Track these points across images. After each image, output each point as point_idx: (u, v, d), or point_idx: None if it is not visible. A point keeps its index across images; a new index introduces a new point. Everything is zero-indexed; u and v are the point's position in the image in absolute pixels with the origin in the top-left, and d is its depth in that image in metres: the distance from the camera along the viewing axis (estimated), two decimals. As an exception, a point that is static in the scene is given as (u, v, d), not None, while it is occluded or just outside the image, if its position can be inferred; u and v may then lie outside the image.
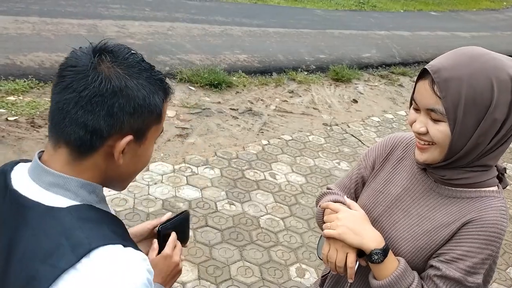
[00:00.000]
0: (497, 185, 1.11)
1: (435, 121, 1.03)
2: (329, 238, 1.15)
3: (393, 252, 1.13)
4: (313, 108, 5.23)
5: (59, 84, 0.78)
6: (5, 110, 3.84)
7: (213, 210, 3.18)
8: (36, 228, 0.74)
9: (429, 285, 1.07)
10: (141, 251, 0.79)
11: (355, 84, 6.22)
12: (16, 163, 0.87)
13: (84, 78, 0.76)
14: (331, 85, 6.01)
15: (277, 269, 2.77)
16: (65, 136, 0.78)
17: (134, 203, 3.07)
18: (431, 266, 1.09)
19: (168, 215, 1.13)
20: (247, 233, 3.02)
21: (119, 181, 0.89)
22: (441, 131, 1.02)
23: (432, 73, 1.00)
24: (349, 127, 4.94)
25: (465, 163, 1.05)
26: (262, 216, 3.23)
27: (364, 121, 5.15)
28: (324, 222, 1.26)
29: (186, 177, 3.48)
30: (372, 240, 1.09)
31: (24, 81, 4.30)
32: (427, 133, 1.05)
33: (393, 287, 1.08)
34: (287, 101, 5.28)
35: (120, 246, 0.74)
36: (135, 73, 0.80)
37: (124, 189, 0.93)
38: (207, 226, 3.01)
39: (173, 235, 1.09)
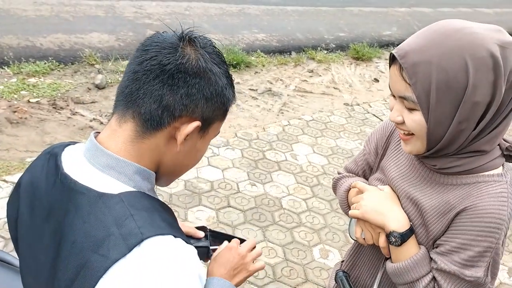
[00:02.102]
0: (502, 166, 1.00)
1: (409, 109, 0.94)
2: (359, 219, 1.12)
3: None
4: (334, 88, 5.14)
5: (141, 56, 0.76)
6: (27, 92, 3.87)
7: (235, 191, 3.17)
8: (86, 215, 0.71)
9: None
10: (190, 243, 0.76)
11: (376, 63, 6.09)
12: (66, 145, 0.85)
13: (171, 53, 0.75)
14: (351, 64, 5.89)
15: (301, 250, 2.76)
16: (135, 107, 0.76)
17: (156, 184, 3.08)
18: (430, 258, 1.03)
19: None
20: (269, 214, 3.01)
21: (169, 174, 0.86)
22: (415, 120, 0.93)
23: (399, 58, 0.91)
24: (370, 106, 4.86)
25: (452, 151, 0.96)
26: (284, 197, 3.21)
27: (386, 101, 5.04)
28: (349, 207, 1.23)
29: (208, 158, 3.47)
30: (394, 221, 1.04)
31: (45, 63, 4.31)
32: (404, 122, 0.97)
33: (404, 274, 1.03)
34: (306, 80, 5.20)
35: (171, 237, 0.72)
36: (218, 62, 0.80)
37: (167, 185, 0.91)
38: (230, 207, 3.01)
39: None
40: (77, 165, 0.78)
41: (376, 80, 5.56)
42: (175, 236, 0.72)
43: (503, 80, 0.87)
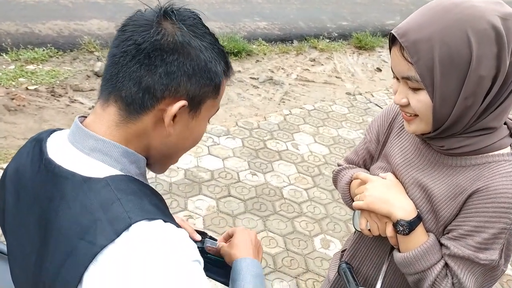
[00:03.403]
0: (510, 146, 0.97)
1: (414, 90, 0.92)
2: (363, 211, 1.08)
3: None
4: (336, 77, 5.08)
5: (119, 38, 0.73)
6: (25, 79, 3.82)
7: (236, 180, 3.14)
8: (71, 201, 0.68)
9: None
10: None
11: (379, 52, 6.02)
12: (52, 131, 0.81)
13: (146, 30, 0.70)
14: (354, 53, 5.83)
15: (301, 240, 2.73)
16: (116, 91, 0.72)
17: (156, 172, 3.04)
18: (441, 244, 1.00)
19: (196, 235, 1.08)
20: (270, 204, 2.98)
21: (163, 158, 0.81)
22: (421, 100, 0.91)
23: (399, 37, 0.88)
24: (373, 96, 4.80)
25: (460, 129, 0.93)
26: (285, 186, 3.17)
27: (388, 90, 4.99)
28: (352, 199, 1.19)
29: (208, 147, 3.43)
30: (401, 209, 1.00)
31: (43, 50, 4.25)
32: (409, 104, 0.94)
33: (414, 263, 0.99)
34: (308, 69, 5.14)
35: (160, 221, 0.68)
36: (199, 34, 0.74)
37: (164, 171, 0.86)
38: (230, 196, 2.97)
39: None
40: (62, 150, 0.74)
41: (379, 70, 5.50)
42: (164, 221, 0.68)
43: (507, 52, 0.85)
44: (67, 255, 0.65)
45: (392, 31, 0.91)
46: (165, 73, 0.70)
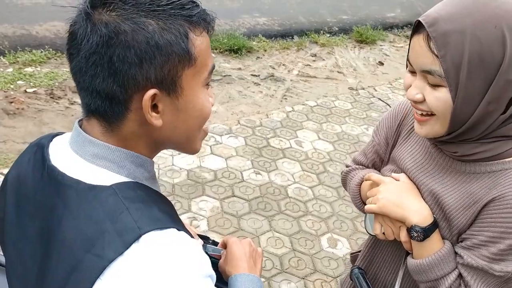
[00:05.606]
0: None
1: (433, 86, 0.84)
2: (377, 214, 1.03)
3: None
4: (338, 72, 5.02)
5: (69, 51, 0.67)
6: (23, 82, 3.77)
7: (239, 179, 3.09)
8: (76, 211, 0.63)
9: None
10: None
11: (380, 45, 5.95)
12: (53, 136, 0.76)
13: (75, 39, 0.63)
14: (355, 47, 5.76)
15: (308, 240, 2.68)
16: (87, 108, 0.67)
17: (158, 174, 2.99)
18: (455, 253, 0.94)
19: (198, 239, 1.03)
20: (275, 203, 2.93)
21: (181, 143, 0.74)
22: (439, 98, 0.83)
23: (427, 26, 0.80)
24: (376, 90, 4.74)
25: (476, 135, 0.86)
26: (289, 185, 3.12)
27: (391, 84, 4.93)
28: (362, 201, 1.14)
29: (210, 146, 3.38)
30: (416, 213, 0.94)
31: (41, 52, 4.20)
32: (424, 101, 0.86)
33: (427, 271, 0.94)
34: (310, 65, 5.08)
35: (173, 230, 0.63)
36: (133, 12, 0.62)
37: (197, 151, 0.77)
38: (234, 196, 2.92)
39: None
40: (64, 156, 0.70)
41: (381, 63, 5.44)
42: (178, 230, 0.63)
43: None
44: (72, 269, 0.60)
45: (419, 19, 0.83)
46: (112, 74, 0.62)
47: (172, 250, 0.61)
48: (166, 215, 0.65)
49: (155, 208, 0.65)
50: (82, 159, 0.67)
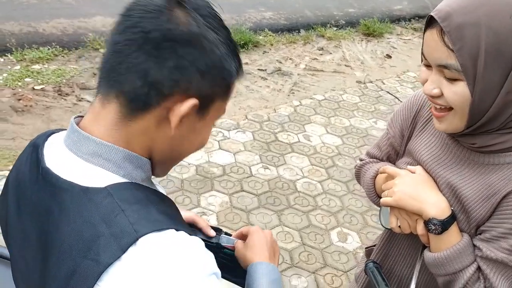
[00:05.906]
0: None
1: (450, 80, 0.82)
2: (393, 207, 1.01)
3: None
4: (345, 65, 4.98)
5: (123, 23, 0.64)
6: (31, 79, 3.78)
7: (248, 174, 3.08)
8: (72, 215, 0.61)
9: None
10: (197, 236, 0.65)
11: (388, 38, 5.90)
12: (48, 135, 0.74)
13: (156, 17, 0.62)
14: (362, 40, 5.71)
15: (318, 234, 2.67)
16: (117, 86, 0.63)
17: (167, 169, 2.99)
18: (474, 245, 0.93)
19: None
20: (284, 198, 2.92)
21: (165, 161, 0.73)
22: (457, 92, 0.82)
23: (441, 21, 0.78)
24: (384, 83, 4.70)
25: (496, 126, 0.85)
26: (298, 179, 3.11)
27: (399, 77, 4.89)
28: (377, 195, 1.12)
29: (218, 141, 3.37)
30: (433, 206, 0.93)
31: (48, 49, 4.20)
32: (441, 95, 0.84)
33: (445, 264, 0.92)
34: (317, 59, 5.04)
35: (172, 231, 0.61)
36: (215, 27, 0.65)
37: (164, 175, 0.77)
38: (243, 191, 2.91)
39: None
40: (59, 157, 0.67)
41: (389, 56, 5.39)
42: (176, 230, 0.62)
43: None
44: (71, 274, 0.59)
45: (431, 13, 0.82)
46: (176, 67, 0.62)
47: (171, 252, 0.59)
48: (164, 215, 0.63)
49: (153, 209, 0.63)
50: (77, 158, 0.65)
